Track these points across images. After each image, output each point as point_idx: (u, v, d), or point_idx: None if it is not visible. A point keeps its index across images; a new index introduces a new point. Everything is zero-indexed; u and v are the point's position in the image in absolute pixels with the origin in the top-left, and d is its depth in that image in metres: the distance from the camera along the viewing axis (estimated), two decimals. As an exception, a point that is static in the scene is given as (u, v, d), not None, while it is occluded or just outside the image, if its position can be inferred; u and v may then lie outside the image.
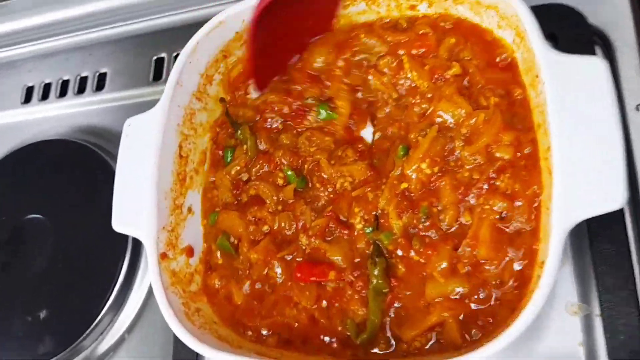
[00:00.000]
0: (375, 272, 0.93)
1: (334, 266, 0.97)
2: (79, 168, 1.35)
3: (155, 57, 1.44)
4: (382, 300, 0.93)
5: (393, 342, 0.92)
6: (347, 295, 0.95)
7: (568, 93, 0.82)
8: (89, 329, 1.17)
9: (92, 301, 1.18)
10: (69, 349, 1.17)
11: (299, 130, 1.09)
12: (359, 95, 1.08)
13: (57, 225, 1.30)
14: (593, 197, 0.77)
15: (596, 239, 0.96)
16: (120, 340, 1.19)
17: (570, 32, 1.04)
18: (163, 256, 0.99)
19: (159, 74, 1.41)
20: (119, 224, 1.02)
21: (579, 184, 0.78)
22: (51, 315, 1.22)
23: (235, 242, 1.05)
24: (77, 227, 1.28)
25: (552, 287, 0.78)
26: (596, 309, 0.94)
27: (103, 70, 1.48)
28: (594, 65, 0.81)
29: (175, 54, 1.40)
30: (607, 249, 0.95)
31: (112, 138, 1.33)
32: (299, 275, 0.98)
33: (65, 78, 1.51)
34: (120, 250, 1.20)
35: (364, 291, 0.95)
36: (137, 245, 1.21)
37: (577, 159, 0.79)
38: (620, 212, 0.94)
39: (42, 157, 1.41)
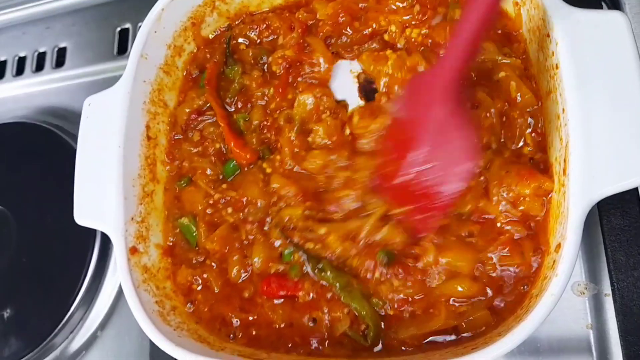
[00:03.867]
0: (329, 274, 0.86)
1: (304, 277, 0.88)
2: (40, 153, 1.26)
3: (119, 29, 1.35)
4: (358, 292, 0.85)
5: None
6: (323, 304, 0.87)
7: (585, 54, 0.73)
8: (59, 327, 1.09)
9: (61, 297, 1.11)
10: (37, 349, 1.10)
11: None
12: None
13: (19, 217, 1.21)
14: (617, 170, 0.68)
15: (607, 212, 0.90)
16: (93, 338, 1.12)
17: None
18: (133, 251, 0.90)
19: (123, 47, 1.33)
20: (81, 217, 0.93)
21: (601, 157, 0.69)
22: (16, 314, 1.14)
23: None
24: (41, 217, 1.20)
25: (571, 274, 0.70)
26: (606, 289, 0.89)
27: (62, 45, 1.39)
28: (615, 21, 0.72)
29: (140, 24, 1.27)
30: (620, 223, 0.90)
31: (75, 119, 1.20)
32: (265, 288, 0.89)
33: (22, 54, 1.42)
34: (89, 240, 1.12)
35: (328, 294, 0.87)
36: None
37: (598, 128, 0.70)
38: (633, 184, 0.87)
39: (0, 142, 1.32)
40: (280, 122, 0.97)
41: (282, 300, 0.88)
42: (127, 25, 1.34)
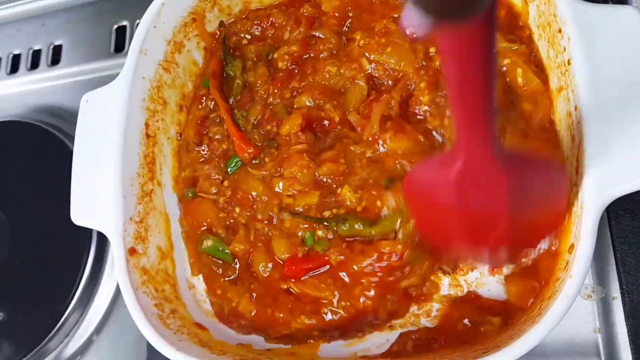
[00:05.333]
0: (360, 226, 0.84)
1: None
2: (35, 152, 1.24)
3: (116, 26, 1.33)
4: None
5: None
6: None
7: (599, 49, 0.71)
8: (53, 331, 1.07)
9: (56, 300, 1.09)
10: (31, 354, 1.07)
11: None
12: None
13: (12, 218, 1.19)
14: (634, 168, 0.67)
15: (616, 213, 0.88)
16: (88, 342, 1.10)
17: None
18: (131, 252, 0.87)
19: (120, 45, 1.31)
20: (79, 217, 0.90)
21: (616, 155, 0.68)
22: (10, 317, 1.13)
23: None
24: (36, 218, 1.18)
25: (586, 276, 0.68)
26: (614, 292, 0.87)
27: (58, 42, 1.37)
28: (629, 16, 0.71)
29: (138, 21, 1.24)
30: (629, 224, 0.88)
31: (70, 118, 1.22)
32: (293, 268, 0.86)
33: (16, 52, 1.40)
34: (85, 242, 1.10)
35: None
36: (103, 235, 1.06)
37: (613, 125, 0.68)
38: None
39: (-7, 141, 1.30)
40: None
41: (309, 276, 0.86)
42: (125, 23, 1.32)
